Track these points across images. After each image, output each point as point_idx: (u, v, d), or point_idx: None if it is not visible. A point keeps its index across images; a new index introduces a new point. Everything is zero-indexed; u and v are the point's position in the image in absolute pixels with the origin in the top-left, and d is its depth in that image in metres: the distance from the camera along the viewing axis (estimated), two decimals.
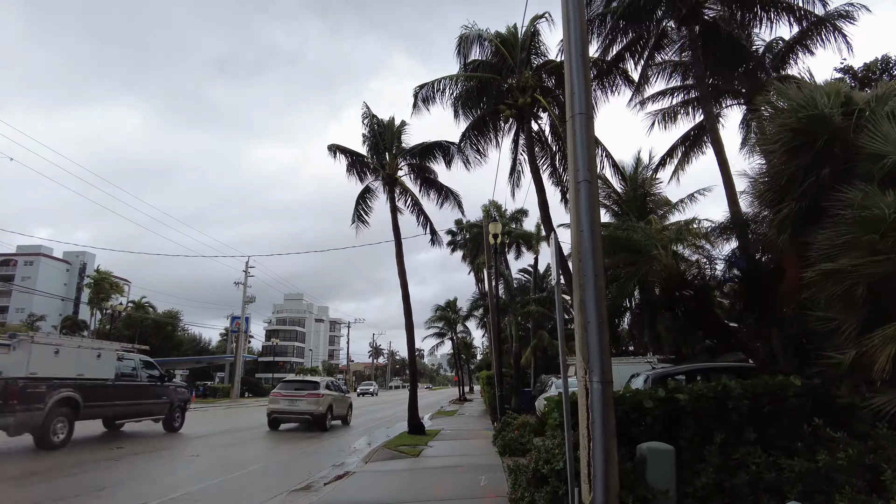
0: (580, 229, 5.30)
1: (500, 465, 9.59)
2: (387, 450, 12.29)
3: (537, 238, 39.38)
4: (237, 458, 11.64)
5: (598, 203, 5.76)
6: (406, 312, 16.20)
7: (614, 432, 4.93)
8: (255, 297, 59.76)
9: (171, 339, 71.83)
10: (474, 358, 64.38)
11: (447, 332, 51.02)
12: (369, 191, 18.10)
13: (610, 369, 5.07)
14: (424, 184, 17.82)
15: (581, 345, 5.12)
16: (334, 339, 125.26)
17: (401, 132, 17.69)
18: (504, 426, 12.73)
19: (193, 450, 12.97)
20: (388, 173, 17.05)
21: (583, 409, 5.07)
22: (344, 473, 9.71)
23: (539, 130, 14.77)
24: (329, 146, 17.16)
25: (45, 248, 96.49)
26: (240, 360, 56.45)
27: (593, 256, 5.19)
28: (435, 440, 13.98)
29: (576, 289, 5.31)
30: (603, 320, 5.11)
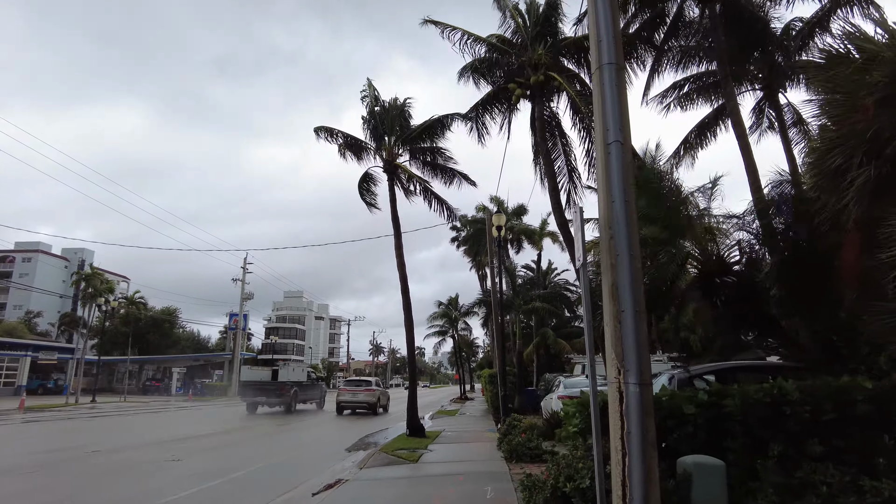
0: (611, 199, 4.39)
1: (507, 474, 8.69)
2: (384, 454, 11.40)
3: (540, 234, 38.47)
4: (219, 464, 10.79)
5: (632, 168, 4.82)
6: (405, 307, 15.29)
7: (655, 445, 4.03)
8: (252, 293, 59.06)
9: (169, 336, 70.96)
10: (475, 356, 63.47)
11: (448, 330, 50.11)
12: (370, 177, 17.19)
13: (649, 369, 4.16)
14: (428, 167, 16.88)
15: (614, 339, 4.21)
16: (334, 336, 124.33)
17: (403, 113, 16.74)
18: (510, 428, 11.82)
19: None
20: (386, 160, 16.13)
21: (615, 416, 4.17)
22: (335, 482, 8.82)
23: (551, 114, 13.82)
24: (315, 128, 16.15)
25: (44, 245, 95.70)
26: (237, 357, 55.60)
27: (628, 231, 4.29)
28: (435, 443, 13.08)
29: (605, 272, 4.41)
30: (640, 309, 4.20)
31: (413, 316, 15.30)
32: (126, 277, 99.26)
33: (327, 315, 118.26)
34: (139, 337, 65.97)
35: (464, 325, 50.48)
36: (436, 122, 16.19)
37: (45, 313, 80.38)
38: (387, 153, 16.20)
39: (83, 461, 11.22)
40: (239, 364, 55.96)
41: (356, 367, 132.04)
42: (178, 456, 11.40)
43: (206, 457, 11.83)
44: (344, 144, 16.55)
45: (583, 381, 14.56)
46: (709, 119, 17.80)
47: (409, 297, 15.37)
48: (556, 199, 12.08)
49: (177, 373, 59.27)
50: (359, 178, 17.13)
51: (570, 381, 14.59)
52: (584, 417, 5.81)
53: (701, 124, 17.80)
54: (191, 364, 63.49)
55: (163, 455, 11.60)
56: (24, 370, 47.65)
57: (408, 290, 15.42)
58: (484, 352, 64.30)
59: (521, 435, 10.77)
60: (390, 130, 16.45)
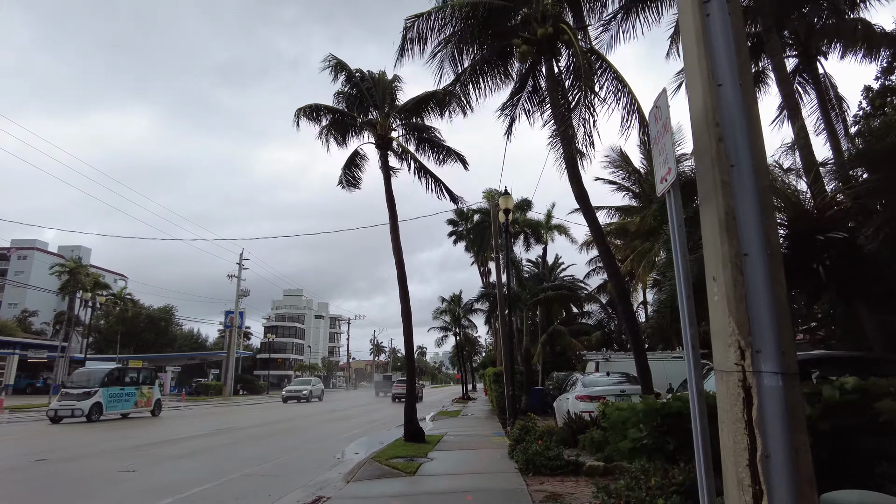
0: (715, 81, 2.75)
1: (525, 492, 7.02)
2: (376, 463, 9.75)
3: (546, 227, 36.86)
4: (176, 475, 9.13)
5: (744, 31, 3.13)
6: (402, 297, 13.64)
7: (812, 481, 2.37)
8: (248, 290, 57.39)
9: (165, 334, 69.45)
10: (477, 354, 61.79)
11: (451, 328, 48.40)
12: (358, 156, 15.54)
13: (793, 350, 2.50)
14: (422, 143, 15.24)
15: (732, 301, 2.55)
16: (334, 335, 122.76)
17: (394, 87, 15.12)
18: (523, 433, 10.18)
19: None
20: (379, 134, 14.47)
21: (735, 427, 2.51)
22: (315, 500, 7.18)
23: (559, 72, 12.12)
24: (299, 109, 14.40)
25: (40, 243, 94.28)
26: (232, 356, 53.94)
27: (748, 126, 2.65)
28: (436, 450, 11.42)
29: (708, 196, 2.76)
30: (775, 251, 2.55)
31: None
32: (124, 275, 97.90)
33: (327, 314, 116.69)
34: (134, 335, 64.50)
35: (467, 322, 48.78)
36: (431, 96, 14.53)
37: (40, 312, 78.96)
38: (380, 127, 14.53)
39: (25, 471, 9.61)
40: (233, 363, 54.37)
41: (357, 367, 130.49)
42: (134, 466, 9.76)
43: (167, 468, 10.18)
44: (330, 124, 14.87)
45: (603, 380, 12.89)
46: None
47: (407, 285, 13.73)
48: (573, 170, 10.41)
49: (171, 372, 57.66)
50: (345, 159, 15.51)
51: (588, 379, 12.93)
52: (654, 429, 4.13)
53: None
54: (186, 363, 61.88)
55: (118, 465, 9.97)
56: (12, 369, 46.17)
57: (405, 278, 13.77)
58: (486, 350, 62.66)
59: (537, 442, 9.12)
60: (381, 102, 14.79)
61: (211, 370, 65.96)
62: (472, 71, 12.98)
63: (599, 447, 8.81)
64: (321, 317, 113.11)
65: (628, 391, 11.71)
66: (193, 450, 12.49)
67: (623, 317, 9.69)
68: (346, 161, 15.52)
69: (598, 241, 10.08)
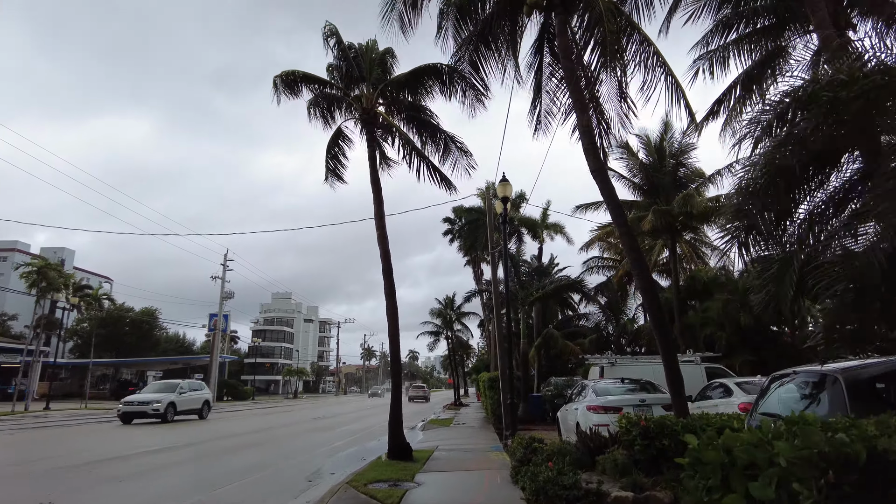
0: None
1: None
2: (352, 490, 8.05)
3: (542, 226, 35.30)
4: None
5: None
6: (388, 293, 11.96)
7: None
8: (233, 292, 55.40)
9: (149, 338, 67.13)
10: (470, 358, 60.04)
11: (443, 331, 46.67)
12: (343, 136, 13.91)
13: None
14: (415, 126, 13.61)
15: None
16: (324, 340, 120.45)
17: (384, 61, 13.47)
18: (528, 452, 8.52)
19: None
20: (364, 108, 12.83)
21: None
22: None
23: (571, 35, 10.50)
24: (277, 77, 12.73)
25: (22, 244, 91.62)
26: (216, 360, 51.88)
27: None
28: (425, 471, 9.73)
29: None
30: None
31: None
32: (109, 278, 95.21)
33: (317, 317, 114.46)
34: (116, 339, 62.18)
35: (459, 325, 47.11)
36: (424, 71, 12.89)
37: (21, 315, 76.40)
38: (366, 101, 12.90)
39: None
40: (217, 368, 52.32)
41: (347, 372, 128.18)
42: (56, 497, 7.98)
43: (93, 495, 8.44)
44: (316, 98, 13.26)
45: (616, 388, 11.20)
46: (757, 68, 14.69)
47: (393, 280, 12.06)
48: (589, 139, 8.80)
49: (152, 377, 55.47)
50: (328, 139, 13.91)
51: (600, 386, 11.23)
52: (832, 489, 2.39)
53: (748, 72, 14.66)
54: (168, 368, 59.66)
55: (34, 492, 8.21)
56: None
57: (391, 272, 12.11)
58: (478, 354, 60.94)
59: (546, 464, 7.46)
60: (368, 74, 13.16)
61: (195, 375, 63.79)
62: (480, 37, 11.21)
63: (624, 471, 7.18)
64: (310, 320, 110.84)
65: (649, 401, 10.10)
66: (136, 471, 10.67)
67: (649, 311, 8.10)
68: (329, 142, 13.91)
69: (618, 222, 8.49)
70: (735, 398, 10.65)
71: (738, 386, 11.02)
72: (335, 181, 13.92)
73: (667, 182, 23.83)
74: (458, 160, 13.31)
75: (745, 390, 10.69)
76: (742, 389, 10.81)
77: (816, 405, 4.89)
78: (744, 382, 11.29)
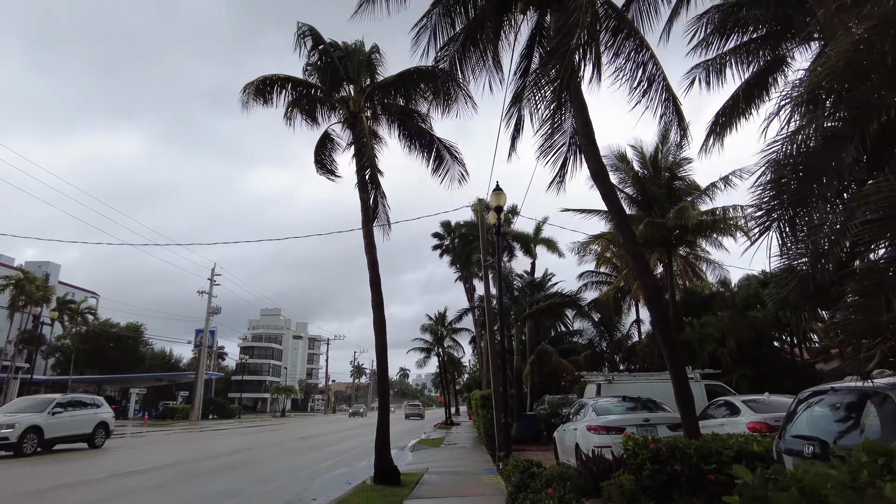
0: None
1: None
2: None
3: (535, 240, 34.73)
4: None
5: None
6: (375, 304, 11.28)
7: None
8: (220, 307, 54.33)
9: (134, 354, 65.52)
10: (461, 376, 59.06)
11: (433, 348, 45.76)
12: (329, 140, 13.29)
13: None
14: (405, 131, 13.02)
15: None
16: (313, 357, 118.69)
17: (371, 62, 12.93)
18: (525, 477, 7.81)
19: None
20: (351, 111, 12.26)
21: None
22: None
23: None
24: (248, 85, 12.05)
25: (6, 259, 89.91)
26: (201, 377, 50.60)
27: None
28: (413, 497, 8.96)
29: None
30: None
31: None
32: (95, 293, 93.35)
33: (306, 334, 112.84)
34: (100, 355, 60.59)
35: (451, 341, 46.25)
36: (413, 74, 12.35)
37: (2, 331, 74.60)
38: (353, 103, 12.34)
39: None
40: (202, 385, 51.03)
41: (337, 390, 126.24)
42: None
43: None
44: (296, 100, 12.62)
45: (617, 407, 10.47)
46: (754, 79, 14.19)
47: (381, 291, 11.39)
48: (588, 139, 8.23)
49: (135, 394, 54.04)
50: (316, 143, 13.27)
51: (600, 405, 10.50)
52: None
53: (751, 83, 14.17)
54: (153, 384, 58.20)
55: None
56: None
57: (378, 281, 11.44)
58: (470, 372, 59.98)
59: (546, 491, 6.78)
60: (356, 75, 12.59)
61: (180, 392, 62.24)
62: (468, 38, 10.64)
63: (633, 499, 6.49)
64: (300, 337, 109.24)
65: (653, 420, 9.42)
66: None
67: (656, 323, 7.49)
68: (317, 145, 13.26)
69: (621, 227, 7.91)
70: (742, 417, 10.00)
71: (746, 404, 10.37)
72: (329, 176, 13.27)
73: (661, 195, 23.40)
74: (450, 168, 12.71)
75: (754, 408, 10.05)
76: (749, 408, 10.16)
77: (859, 426, 4.26)
78: (750, 400, 10.64)
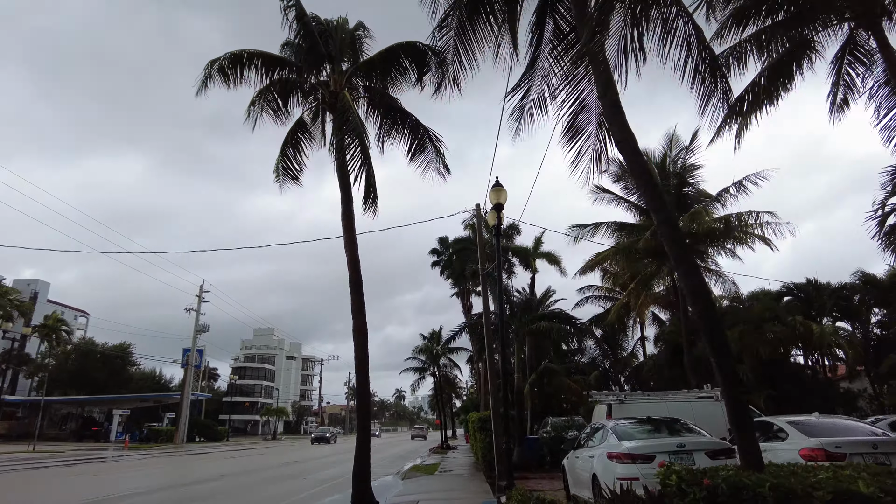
0: None
1: None
2: None
3: (534, 254, 33.19)
4: None
5: None
6: (356, 308, 9.71)
7: None
8: (208, 325, 52.47)
9: (121, 374, 63.19)
10: (459, 397, 56.96)
11: (429, 367, 43.81)
12: (303, 129, 11.79)
13: None
14: (387, 115, 11.57)
15: None
16: (307, 378, 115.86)
17: (355, 41, 11.55)
18: None
19: None
20: (332, 91, 10.81)
21: None
22: None
23: None
24: (213, 62, 10.65)
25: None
26: (187, 397, 48.55)
27: None
28: None
29: None
30: None
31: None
32: (85, 312, 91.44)
33: (299, 355, 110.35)
34: (86, 375, 58.36)
35: (447, 361, 44.31)
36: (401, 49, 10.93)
37: None
38: (334, 83, 10.91)
39: None
40: (188, 406, 48.89)
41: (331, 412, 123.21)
42: None
43: None
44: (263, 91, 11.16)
45: (641, 431, 8.74)
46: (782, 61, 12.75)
47: (362, 294, 9.84)
48: (612, 100, 6.77)
49: (118, 416, 51.71)
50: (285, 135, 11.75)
51: (621, 428, 8.74)
52: None
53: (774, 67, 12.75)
54: (137, 405, 55.86)
55: None
56: None
57: (360, 283, 9.91)
58: (467, 393, 57.87)
59: None
60: (338, 54, 11.18)
61: (167, 414, 59.86)
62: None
63: None
64: (293, 358, 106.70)
65: (689, 446, 7.74)
66: None
67: (704, 325, 5.92)
68: (286, 138, 11.71)
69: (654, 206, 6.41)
70: (791, 442, 8.35)
71: (793, 426, 8.72)
72: (290, 181, 11.67)
73: (670, 202, 21.97)
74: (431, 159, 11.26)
75: (804, 431, 8.42)
76: (799, 430, 8.52)
77: None
78: (796, 422, 8.98)
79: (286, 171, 11.60)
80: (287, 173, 11.66)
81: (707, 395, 15.38)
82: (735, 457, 7.93)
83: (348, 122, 9.85)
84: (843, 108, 13.23)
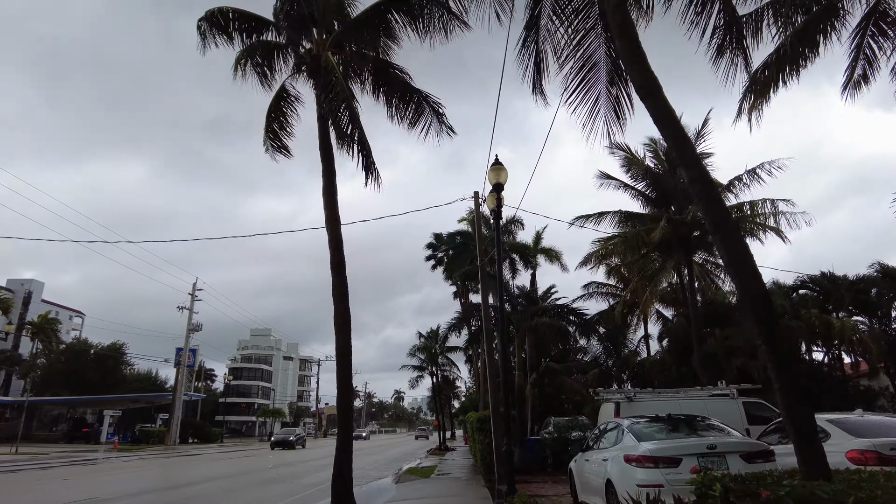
0: None
1: None
2: None
3: (535, 250, 32.10)
4: None
5: None
6: (338, 294, 8.64)
7: None
8: (201, 324, 51.22)
9: (114, 374, 61.92)
10: (458, 398, 55.87)
11: (427, 366, 42.78)
12: (286, 98, 10.76)
13: None
14: (378, 79, 10.50)
15: None
16: (304, 379, 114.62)
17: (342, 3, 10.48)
18: None
19: None
20: (314, 55, 9.75)
21: None
22: None
23: None
24: (201, 20, 9.68)
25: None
26: (180, 397, 47.42)
27: None
28: None
29: None
30: None
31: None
32: (81, 312, 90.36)
33: (297, 355, 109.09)
34: (78, 375, 57.19)
35: (445, 360, 43.25)
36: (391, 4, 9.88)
37: None
38: (316, 46, 9.84)
39: None
40: (180, 406, 47.76)
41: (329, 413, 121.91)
42: None
43: None
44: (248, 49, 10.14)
45: (661, 431, 7.65)
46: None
47: (345, 276, 8.75)
48: (631, 37, 5.71)
49: (109, 417, 50.55)
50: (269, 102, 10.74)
51: (639, 428, 7.60)
52: None
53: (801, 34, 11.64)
54: (129, 406, 54.65)
55: None
56: None
57: (343, 266, 8.83)
58: (467, 392, 56.79)
59: None
60: (322, 16, 10.11)
61: (160, 415, 58.67)
62: None
63: None
64: (290, 358, 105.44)
65: (721, 448, 6.65)
66: None
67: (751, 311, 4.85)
68: (271, 106, 10.72)
69: (687, 155, 5.33)
70: (836, 442, 7.25)
71: (836, 425, 7.61)
72: (279, 152, 10.68)
73: (678, 192, 20.91)
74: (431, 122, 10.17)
75: (851, 431, 7.32)
76: (844, 430, 7.42)
77: None
78: (839, 420, 7.86)
79: (273, 142, 10.67)
80: (273, 143, 10.75)
81: (722, 391, 14.36)
82: (774, 460, 6.87)
83: (330, 84, 8.79)
84: (859, 85, 12.13)
